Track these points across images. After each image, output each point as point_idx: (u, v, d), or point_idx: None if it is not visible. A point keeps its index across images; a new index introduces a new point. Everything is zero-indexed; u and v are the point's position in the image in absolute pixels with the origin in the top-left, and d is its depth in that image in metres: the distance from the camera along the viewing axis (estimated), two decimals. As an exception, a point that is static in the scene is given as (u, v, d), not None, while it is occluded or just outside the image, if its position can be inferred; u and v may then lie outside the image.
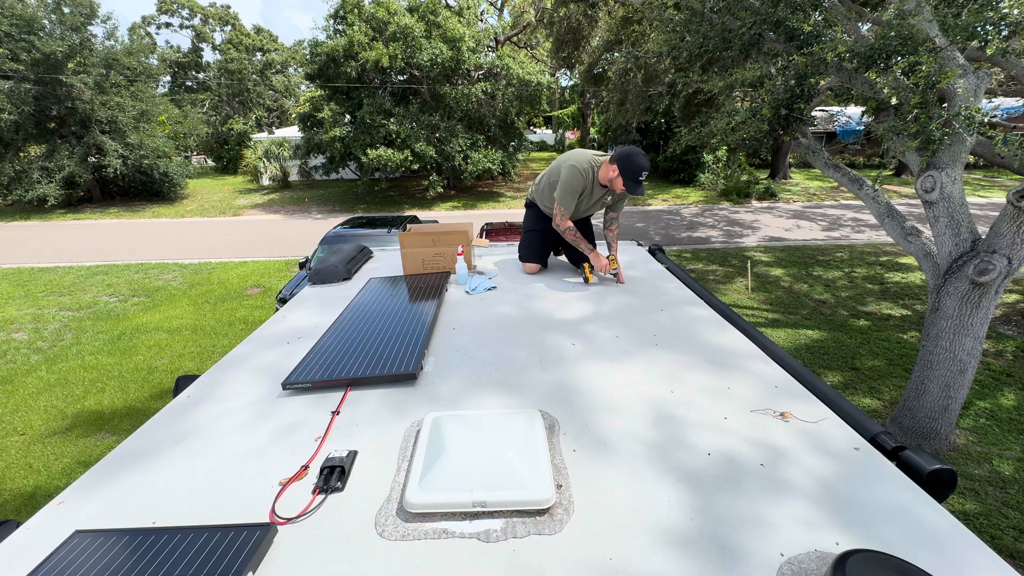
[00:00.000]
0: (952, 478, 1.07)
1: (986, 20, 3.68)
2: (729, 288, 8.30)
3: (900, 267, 9.11)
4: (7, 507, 3.90)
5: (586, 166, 2.56)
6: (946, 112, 3.64)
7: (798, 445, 1.19)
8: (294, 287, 6.41)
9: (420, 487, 1.01)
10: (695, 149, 16.54)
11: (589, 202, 2.69)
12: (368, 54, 13.85)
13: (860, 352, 5.85)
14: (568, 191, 2.58)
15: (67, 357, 6.47)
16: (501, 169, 16.61)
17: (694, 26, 5.18)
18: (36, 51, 14.72)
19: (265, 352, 1.80)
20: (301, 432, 1.30)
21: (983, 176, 18.61)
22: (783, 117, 4.58)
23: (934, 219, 3.81)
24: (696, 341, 1.77)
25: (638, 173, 2.38)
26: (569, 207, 2.61)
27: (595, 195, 2.65)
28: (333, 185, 20.78)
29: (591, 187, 2.61)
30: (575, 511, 1.00)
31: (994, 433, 4.31)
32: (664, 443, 1.21)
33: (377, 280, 2.52)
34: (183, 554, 0.89)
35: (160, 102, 19.61)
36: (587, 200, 2.67)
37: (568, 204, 2.61)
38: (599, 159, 2.58)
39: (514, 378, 1.54)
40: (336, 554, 0.92)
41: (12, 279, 9.98)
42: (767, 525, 0.96)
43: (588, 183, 2.59)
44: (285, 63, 31.57)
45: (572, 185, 2.56)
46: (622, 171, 2.42)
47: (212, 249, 12.03)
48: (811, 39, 4.24)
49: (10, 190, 16.83)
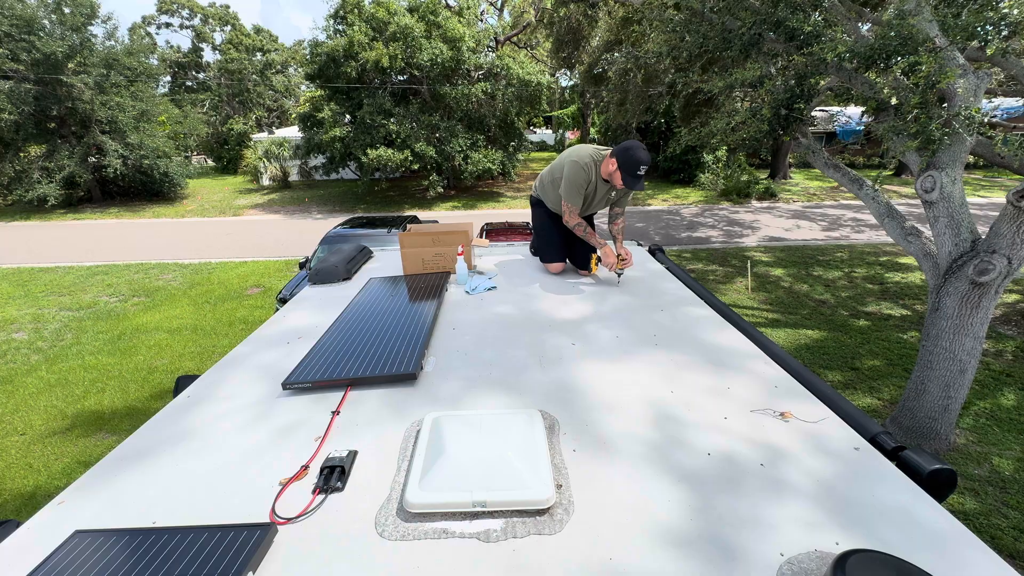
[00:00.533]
0: (952, 478, 1.07)
1: (986, 20, 3.68)
2: (729, 288, 8.30)
3: (900, 267, 9.11)
4: (7, 507, 3.90)
5: (588, 161, 2.54)
6: (946, 112, 3.64)
7: (798, 445, 1.19)
8: (294, 287, 6.40)
9: (420, 487, 1.01)
10: (695, 149, 16.54)
11: (595, 197, 2.67)
12: (368, 54, 13.85)
13: (860, 352, 5.85)
14: (573, 188, 2.57)
15: (67, 357, 6.47)
16: (501, 169, 16.60)
17: (694, 26, 5.18)
18: (36, 51, 14.71)
19: (265, 352, 1.80)
20: (301, 432, 1.30)
21: (983, 176, 18.61)
22: (783, 117, 4.58)
23: (934, 219, 3.81)
24: (696, 341, 1.77)
25: (636, 167, 2.35)
26: (576, 203, 2.60)
27: (600, 191, 2.63)
28: (333, 185, 20.78)
29: (596, 182, 2.59)
30: (575, 511, 1.00)
31: (994, 433, 4.31)
32: (664, 443, 1.21)
33: (377, 280, 2.52)
34: (183, 554, 0.89)
35: (160, 102, 19.59)
36: (593, 196, 2.65)
37: (575, 200, 2.59)
38: (601, 153, 2.56)
39: (514, 378, 1.54)
40: (336, 554, 0.92)
41: (12, 279, 9.98)
42: (767, 525, 0.96)
43: (592, 177, 2.57)
44: (285, 63, 31.57)
45: (576, 181, 2.55)
46: (620, 165, 2.39)
47: (212, 249, 12.03)
48: (811, 39, 4.24)
49: (10, 190, 16.81)
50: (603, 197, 2.68)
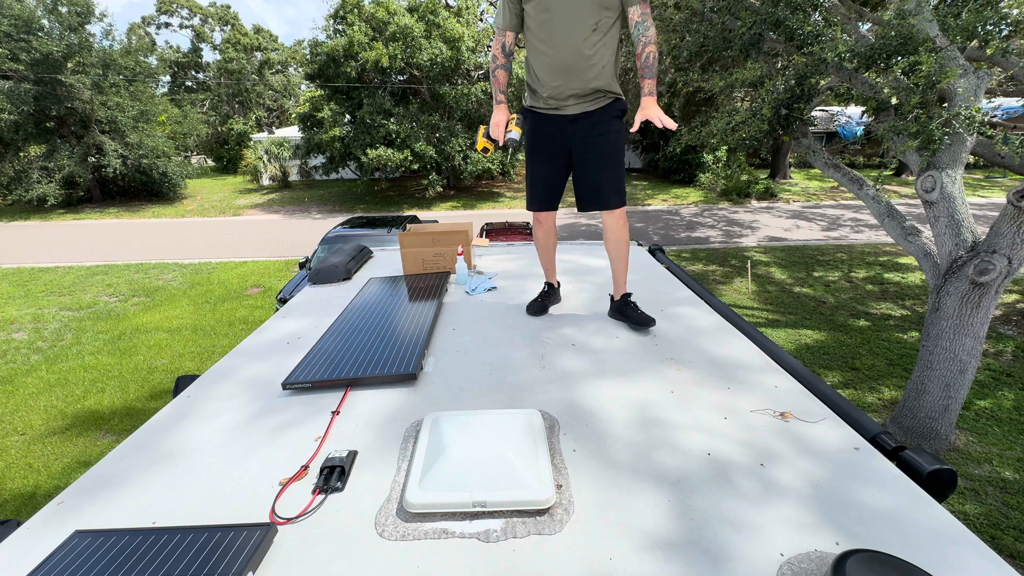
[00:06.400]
0: (952, 478, 1.07)
1: (986, 20, 3.68)
2: (729, 288, 8.29)
3: (900, 267, 9.10)
4: (7, 507, 3.90)
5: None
6: (946, 112, 3.64)
7: (798, 445, 1.19)
8: (294, 287, 6.40)
9: (420, 487, 1.01)
10: (695, 149, 16.49)
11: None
12: (368, 54, 13.85)
13: (860, 352, 5.85)
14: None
15: (67, 357, 6.47)
16: (501, 169, 16.61)
17: (694, 26, 5.18)
18: (35, 51, 14.71)
19: (265, 352, 1.80)
20: (301, 432, 1.30)
21: (983, 176, 18.60)
22: (783, 117, 4.59)
23: (934, 219, 3.81)
24: (696, 341, 1.77)
25: None
26: (501, 23, 1.89)
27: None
28: (333, 185, 20.77)
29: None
30: (575, 511, 1.00)
31: (994, 433, 4.31)
32: (664, 443, 1.21)
33: (377, 280, 2.52)
34: (183, 554, 0.89)
35: (160, 102, 19.60)
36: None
37: (499, 19, 1.91)
38: None
39: (514, 378, 1.54)
40: (336, 554, 0.92)
41: (12, 279, 9.98)
42: (767, 525, 0.96)
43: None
44: (285, 63, 31.56)
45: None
46: None
47: (212, 249, 12.02)
48: (811, 39, 4.24)
49: (10, 190, 16.80)
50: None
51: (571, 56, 1.78)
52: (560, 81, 1.83)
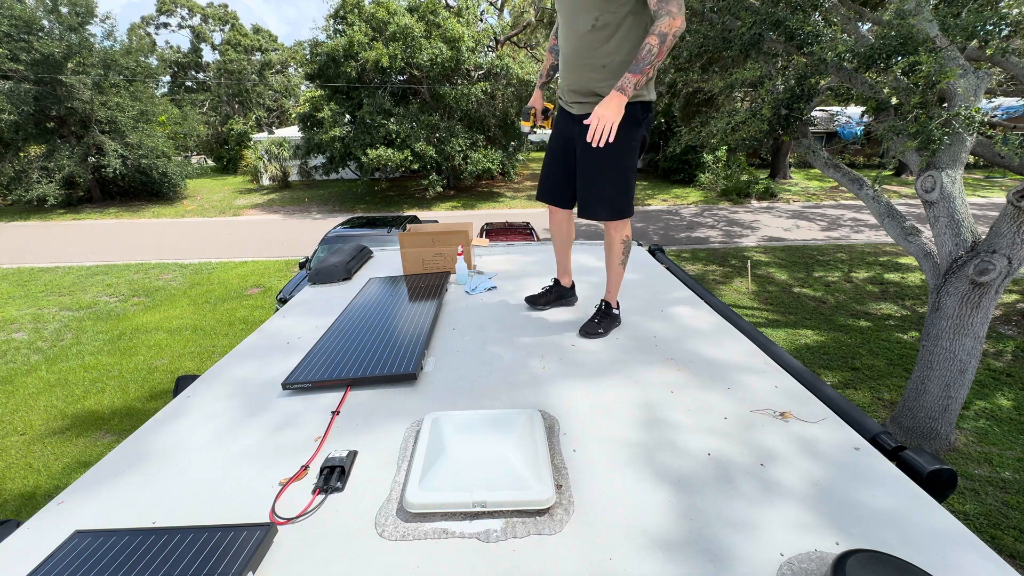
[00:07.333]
0: (952, 478, 1.07)
1: (986, 20, 3.68)
2: (729, 288, 8.29)
3: (900, 267, 9.11)
4: (7, 507, 3.90)
5: None
6: (946, 112, 3.64)
7: (798, 445, 1.19)
8: (294, 287, 6.40)
9: (420, 487, 1.01)
10: (695, 149, 16.51)
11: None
12: (368, 54, 13.85)
13: (860, 352, 5.85)
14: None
15: (67, 357, 6.47)
16: (501, 169, 16.61)
17: (694, 26, 5.18)
18: (35, 51, 14.72)
19: (265, 352, 1.80)
20: (301, 432, 1.30)
21: (983, 176, 18.60)
22: (783, 117, 4.59)
23: (934, 219, 3.82)
24: (696, 341, 1.77)
25: None
26: None
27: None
28: (333, 185, 20.77)
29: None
30: (575, 511, 1.00)
31: (994, 433, 4.31)
32: (664, 443, 1.21)
33: (377, 280, 2.52)
34: (183, 554, 0.89)
35: (159, 102, 19.60)
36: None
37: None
38: None
39: (514, 378, 1.54)
40: (336, 554, 0.92)
41: (12, 279, 9.98)
42: (767, 525, 0.96)
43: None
44: (284, 63, 31.56)
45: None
46: None
47: (212, 249, 12.02)
48: (811, 39, 4.24)
49: (10, 190, 16.81)
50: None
51: (571, 52, 1.70)
52: (567, 76, 1.76)
